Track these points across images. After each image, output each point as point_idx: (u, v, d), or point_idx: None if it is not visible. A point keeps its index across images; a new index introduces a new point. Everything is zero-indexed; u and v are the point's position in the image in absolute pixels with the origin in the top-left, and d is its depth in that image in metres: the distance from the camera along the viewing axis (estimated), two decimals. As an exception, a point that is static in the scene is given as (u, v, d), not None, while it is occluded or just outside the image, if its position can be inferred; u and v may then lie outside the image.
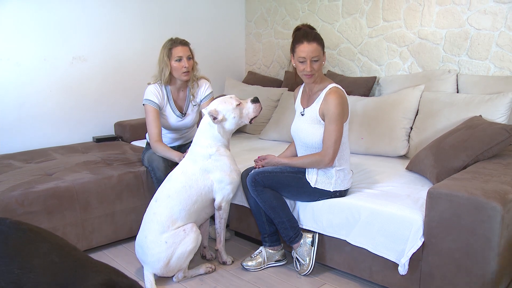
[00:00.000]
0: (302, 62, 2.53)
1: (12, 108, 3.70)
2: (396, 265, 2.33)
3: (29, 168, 3.23)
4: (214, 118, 2.68)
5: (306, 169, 2.66)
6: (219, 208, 2.78)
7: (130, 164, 3.35)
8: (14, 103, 3.71)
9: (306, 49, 2.49)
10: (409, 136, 3.34)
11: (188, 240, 2.60)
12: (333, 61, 4.27)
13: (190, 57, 3.08)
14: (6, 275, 1.29)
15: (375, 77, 3.89)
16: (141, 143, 3.91)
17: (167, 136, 3.31)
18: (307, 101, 2.68)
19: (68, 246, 1.46)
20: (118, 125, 4.27)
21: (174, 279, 2.70)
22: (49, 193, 2.84)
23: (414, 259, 2.28)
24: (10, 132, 3.72)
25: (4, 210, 2.64)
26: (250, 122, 2.82)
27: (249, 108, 2.77)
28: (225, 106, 2.71)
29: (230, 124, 2.75)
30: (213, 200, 2.78)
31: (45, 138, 3.91)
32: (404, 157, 3.33)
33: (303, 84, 2.76)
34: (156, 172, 3.03)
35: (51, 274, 1.30)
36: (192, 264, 2.77)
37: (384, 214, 2.39)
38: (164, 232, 2.58)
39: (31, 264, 1.32)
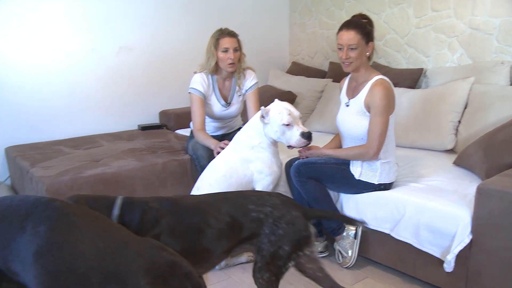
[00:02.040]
0: (340, 49, 2.52)
1: (62, 96, 3.82)
2: (441, 262, 2.27)
3: (77, 154, 3.33)
4: (263, 116, 2.67)
5: (351, 161, 2.64)
6: (259, 199, 2.78)
7: (175, 152, 3.40)
8: (64, 92, 3.83)
9: (343, 36, 2.48)
10: (457, 130, 3.24)
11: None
12: (379, 52, 4.18)
13: (237, 49, 3.07)
14: (60, 260, 1.33)
15: (422, 69, 3.79)
16: (186, 132, 3.95)
17: (211, 125, 3.33)
18: (353, 92, 2.65)
19: (111, 227, 1.48)
20: (163, 114, 4.35)
21: (216, 266, 2.72)
22: (96, 179, 2.92)
23: (461, 257, 2.21)
24: (60, 119, 3.85)
25: (55, 194, 2.73)
26: (288, 147, 2.70)
27: (294, 137, 2.61)
28: (275, 115, 2.62)
29: (271, 132, 2.66)
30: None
31: (92, 126, 4.02)
32: (451, 151, 3.23)
33: (350, 75, 2.72)
34: (201, 160, 3.05)
35: (98, 259, 1.33)
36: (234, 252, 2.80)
37: (430, 209, 2.34)
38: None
39: (78, 250, 1.35)
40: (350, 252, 2.69)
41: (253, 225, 1.90)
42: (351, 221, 2.33)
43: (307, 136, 2.61)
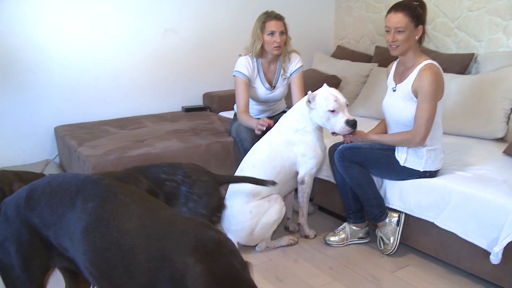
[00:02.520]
0: (387, 32, 2.47)
1: (108, 78, 3.91)
2: (487, 253, 2.20)
3: (123, 135, 3.40)
4: (309, 101, 2.67)
5: (396, 147, 2.59)
6: (302, 182, 2.79)
7: (218, 134, 3.43)
8: (111, 73, 3.91)
9: (391, 18, 2.43)
10: (509, 118, 3.12)
11: (272, 211, 2.64)
12: (427, 37, 4.04)
13: (283, 32, 3.06)
14: (107, 236, 1.36)
15: (473, 54, 3.65)
16: (229, 114, 3.96)
17: (254, 107, 3.34)
18: (400, 77, 2.59)
19: (157, 206, 1.49)
20: (207, 96, 4.38)
21: (257, 248, 2.76)
22: (141, 159, 2.97)
23: (509, 249, 2.14)
24: (106, 100, 3.95)
25: (101, 173, 2.81)
26: (332, 133, 2.68)
27: (338, 124, 2.60)
28: (321, 101, 2.62)
29: (316, 118, 2.68)
30: (297, 173, 2.80)
31: (137, 107, 4.10)
32: (501, 140, 3.12)
33: (398, 60, 2.66)
34: (244, 143, 3.07)
35: (145, 236, 1.35)
36: (275, 235, 2.82)
37: (478, 198, 2.27)
38: (249, 201, 2.64)
39: (125, 227, 1.37)
40: (392, 239, 2.65)
41: (169, 193, 1.97)
42: (262, 182, 2.39)
43: (351, 124, 2.58)
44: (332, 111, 2.59)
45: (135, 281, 1.32)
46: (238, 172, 2.77)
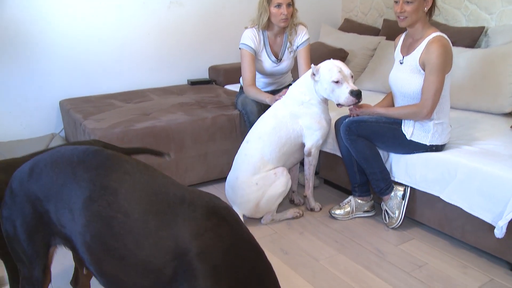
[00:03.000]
0: (396, 2, 2.43)
1: (113, 50, 3.88)
2: (492, 228, 2.21)
3: (128, 108, 3.39)
4: (314, 74, 2.65)
5: (403, 121, 2.58)
6: (309, 154, 2.79)
7: (224, 107, 3.42)
8: (115, 45, 3.88)
9: None
10: (517, 92, 3.09)
11: (278, 184, 2.65)
12: (436, 9, 3.98)
13: (290, 4, 3.02)
14: (113, 205, 1.34)
15: (483, 27, 3.59)
16: (235, 87, 3.95)
17: (261, 80, 3.32)
18: (408, 49, 2.55)
19: (162, 175, 1.47)
20: (212, 69, 4.36)
21: (262, 221, 2.78)
22: (146, 132, 2.98)
23: (514, 223, 2.15)
24: (111, 73, 3.93)
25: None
26: (338, 105, 2.66)
27: (343, 94, 2.58)
28: (326, 72, 2.61)
29: (321, 90, 2.67)
30: (302, 145, 2.80)
31: (143, 80, 4.08)
32: (509, 115, 3.09)
33: (405, 32, 2.62)
34: (250, 116, 3.07)
35: (155, 204, 1.33)
36: (281, 208, 2.84)
37: (484, 173, 2.26)
38: (256, 173, 2.65)
39: (133, 195, 1.35)
40: (397, 213, 2.66)
41: None
42: (158, 153, 2.32)
43: (356, 94, 2.56)
44: (336, 82, 2.57)
45: (141, 251, 1.29)
46: (244, 144, 2.78)
